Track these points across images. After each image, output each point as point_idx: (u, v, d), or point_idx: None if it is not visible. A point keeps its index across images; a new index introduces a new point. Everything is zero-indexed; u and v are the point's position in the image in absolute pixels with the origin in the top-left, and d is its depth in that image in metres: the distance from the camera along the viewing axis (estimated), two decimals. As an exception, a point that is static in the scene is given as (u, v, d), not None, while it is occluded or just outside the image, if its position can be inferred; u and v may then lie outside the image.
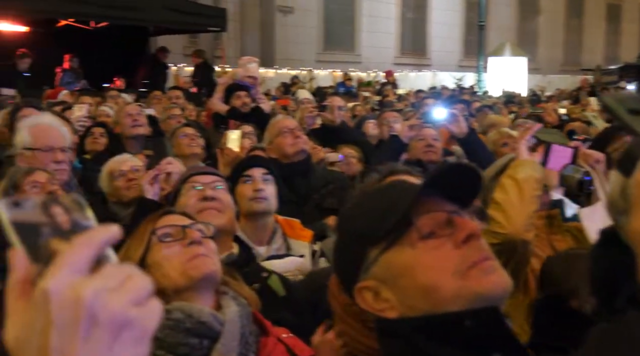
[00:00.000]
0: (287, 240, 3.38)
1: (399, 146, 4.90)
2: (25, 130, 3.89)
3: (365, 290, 1.41)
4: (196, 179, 3.07)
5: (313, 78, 22.31)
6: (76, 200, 0.83)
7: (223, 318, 1.93)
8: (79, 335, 0.72)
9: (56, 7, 13.66)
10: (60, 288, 0.74)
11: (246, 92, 7.17)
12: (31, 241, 0.78)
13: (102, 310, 0.73)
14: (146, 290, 0.77)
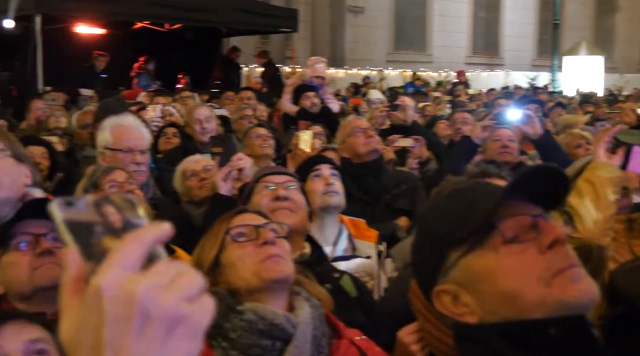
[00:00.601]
0: (352, 240, 3.36)
1: (470, 147, 4.82)
2: (107, 129, 3.95)
3: (444, 294, 1.38)
4: (269, 179, 3.08)
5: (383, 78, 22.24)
6: (128, 199, 0.84)
7: (296, 320, 1.92)
8: (132, 330, 0.73)
9: (133, 9, 14.00)
10: (112, 284, 0.74)
11: (315, 93, 7.19)
12: (84, 240, 0.79)
13: (155, 306, 0.73)
14: (198, 286, 0.77)
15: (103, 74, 13.40)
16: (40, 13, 12.51)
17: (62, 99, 9.37)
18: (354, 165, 4.41)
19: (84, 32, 15.26)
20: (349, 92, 17.45)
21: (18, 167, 2.65)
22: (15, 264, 2.19)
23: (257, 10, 15.36)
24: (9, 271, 2.20)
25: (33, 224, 2.24)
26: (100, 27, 15.36)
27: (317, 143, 5.31)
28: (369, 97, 10.72)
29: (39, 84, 12.33)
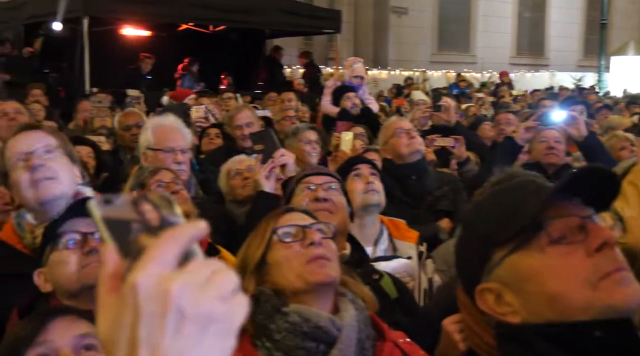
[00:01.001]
0: (393, 241, 3.36)
1: (513, 148, 4.77)
2: (149, 130, 4.01)
3: (487, 292, 1.37)
4: (310, 180, 3.09)
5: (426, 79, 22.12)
6: (165, 197, 0.85)
7: (340, 323, 1.91)
8: (167, 328, 0.74)
9: (178, 11, 14.14)
10: (148, 282, 0.75)
11: (355, 93, 7.18)
12: (121, 237, 0.80)
13: (189, 304, 0.74)
14: (232, 285, 0.77)
15: (148, 75, 13.58)
16: (87, 15, 12.72)
17: (108, 100, 9.50)
18: (396, 167, 4.40)
19: (129, 34, 15.48)
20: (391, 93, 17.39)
21: (70, 167, 2.72)
22: (63, 262, 2.21)
23: (300, 11, 15.41)
24: (57, 269, 2.23)
25: (81, 222, 2.26)
26: (145, 29, 15.56)
27: (358, 144, 5.30)
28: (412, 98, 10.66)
29: (86, 86, 12.54)
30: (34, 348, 1.78)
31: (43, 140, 2.68)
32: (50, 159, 2.64)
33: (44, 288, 2.27)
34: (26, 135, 2.71)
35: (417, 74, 22.42)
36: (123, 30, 15.26)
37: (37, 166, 2.59)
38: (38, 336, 1.79)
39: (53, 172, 2.62)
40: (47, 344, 1.79)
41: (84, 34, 12.65)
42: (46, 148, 2.66)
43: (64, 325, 1.83)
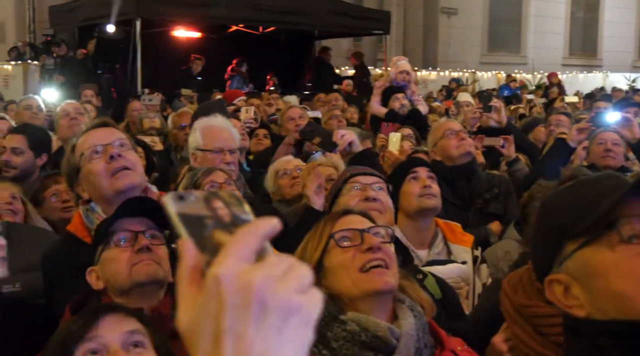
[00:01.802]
0: (447, 244, 3.31)
1: (564, 150, 4.68)
2: (197, 131, 4.05)
3: (556, 283, 1.36)
4: (358, 179, 3.09)
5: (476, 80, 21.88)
6: (234, 195, 0.88)
7: (399, 331, 1.87)
8: (251, 319, 0.76)
9: (229, 13, 14.28)
10: (230, 275, 0.78)
11: (403, 94, 7.14)
12: (197, 232, 0.82)
13: (271, 296, 0.77)
14: (308, 278, 0.80)
15: (198, 76, 13.73)
16: (139, 17, 12.92)
17: (159, 99, 9.63)
18: (445, 169, 4.35)
19: (180, 36, 15.68)
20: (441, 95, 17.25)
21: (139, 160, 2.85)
22: (115, 260, 2.25)
23: (350, 12, 15.41)
24: (109, 266, 2.27)
25: (132, 221, 2.30)
26: (196, 30, 15.74)
27: (407, 145, 5.27)
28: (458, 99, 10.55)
29: (137, 87, 12.74)
30: (84, 343, 1.81)
31: (117, 134, 2.80)
32: (125, 151, 2.74)
33: (96, 285, 2.31)
34: (100, 130, 2.81)
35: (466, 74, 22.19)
36: (174, 32, 15.46)
37: (116, 155, 2.68)
38: (89, 331, 1.82)
39: (130, 163, 2.71)
40: (97, 340, 1.82)
41: (136, 35, 12.85)
42: (121, 141, 2.76)
43: (113, 322, 1.86)
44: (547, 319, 1.68)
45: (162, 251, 2.32)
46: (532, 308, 1.66)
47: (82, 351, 1.81)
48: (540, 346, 1.37)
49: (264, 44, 16.03)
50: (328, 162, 4.08)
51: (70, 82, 12.29)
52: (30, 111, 6.21)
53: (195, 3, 13.74)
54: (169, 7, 13.59)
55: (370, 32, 17.31)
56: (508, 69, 23.08)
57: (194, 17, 14.33)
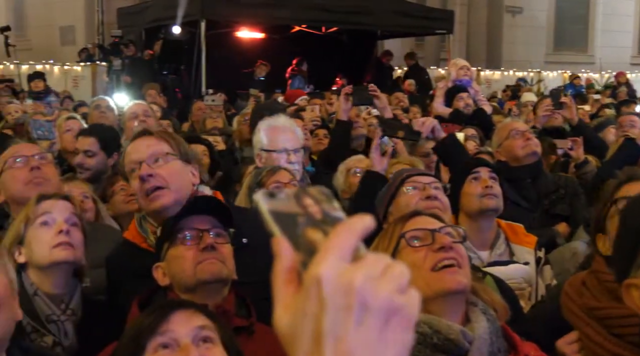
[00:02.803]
0: (510, 245, 3.27)
1: (634, 150, 4.56)
2: (262, 131, 4.08)
3: (634, 288, 1.34)
4: (416, 179, 3.10)
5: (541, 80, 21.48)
6: (323, 192, 0.86)
7: (472, 335, 1.84)
8: (352, 320, 0.75)
9: (292, 14, 14.39)
10: (331, 275, 0.76)
11: (468, 93, 7.06)
12: (290, 230, 0.82)
13: (372, 297, 0.75)
14: (406, 278, 0.78)
15: (261, 77, 13.85)
16: (205, 19, 13.11)
17: (221, 99, 9.75)
18: (511, 169, 4.28)
19: (244, 37, 15.84)
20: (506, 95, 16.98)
21: (186, 167, 2.74)
22: (180, 258, 2.29)
23: (413, 12, 15.34)
24: (174, 264, 2.31)
25: (198, 220, 2.33)
26: (259, 31, 15.88)
27: (471, 145, 5.20)
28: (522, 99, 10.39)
29: (202, 87, 12.93)
30: (156, 338, 1.85)
31: (154, 147, 2.69)
32: (160, 166, 2.65)
33: (162, 281, 2.35)
34: (139, 142, 2.74)
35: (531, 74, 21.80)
36: (238, 32, 15.63)
37: (145, 177, 2.61)
38: (160, 326, 1.86)
39: (162, 181, 2.62)
40: (169, 334, 1.85)
41: (201, 37, 13.04)
42: (155, 156, 2.67)
43: (184, 317, 1.89)
44: (621, 320, 1.64)
45: (226, 249, 2.35)
46: (604, 310, 1.62)
47: (154, 346, 1.84)
48: (616, 348, 1.34)
49: (326, 44, 16.07)
50: (407, 160, 4.09)
51: (137, 82, 12.53)
52: (99, 111, 6.35)
53: (259, 4, 13.88)
54: (234, 9, 13.77)
55: (433, 32, 17.18)
56: (574, 68, 22.58)
57: (258, 18, 14.47)
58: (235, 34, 15.68)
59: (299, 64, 14.41)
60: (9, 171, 3.19)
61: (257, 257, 2.40)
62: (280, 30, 15.84)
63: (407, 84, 14.90)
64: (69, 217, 2.63)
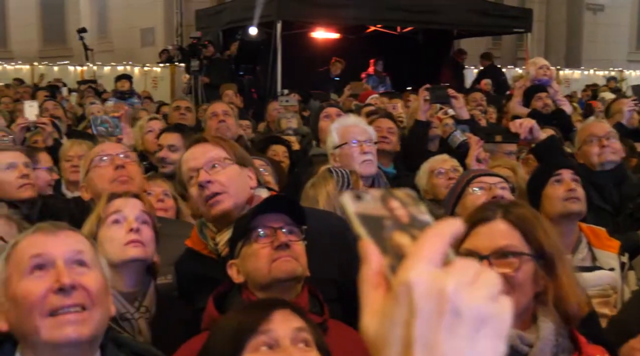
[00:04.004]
0: (592, 250, 3.18)
1: None
2: (332, 132, 4.15)
3: None
4: (483, 180, 3.08)
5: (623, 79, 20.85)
6: (410, 194, 0.84)
7: (532, 338, 1.81)
8: (443, 327, 0.73)
9: (368, 14, 14.37)
10: (422, 280, 0.75)
11: (547, 93, 6.91)
12: (376, 233, 0.80)
13: (464, 303, 0.73)
14: (498, 285, 0.76)
15: (337, 77, 13.88)
16: (280, 19, 13.23)
17: (295, 99, 9.82)
18: (592, 173, 4.17)
19: (319, 37, 15.91)
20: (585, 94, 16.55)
21: (243, 171, 2.72)
22: (254, 255, 2.31)
23: (490, 11, 15.10)
24: (248, 262, 2.32)
25: (271, 218, 2.35)
26: (335, 31, 15.92)
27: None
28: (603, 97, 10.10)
29: (277, 87, 13.05)
30: (256, 337, 1.85)
31: (210, 153, 2.68)
32: (217, 172, 2.64)
33: (237, 279, 2.37)
34: (195, 150, 2.73)
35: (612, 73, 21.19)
36: (313, 33, 15.71)
37: (204, 183, 2.61)
38: (261, 325, 1.87)
39: (220, 187, 2.61)
40: (269, 333, 1.86)
41: (277, 37, 13.17)
42: (212, 161, 2.66)
43: (283, 317, 1.90)
44: None
45: (300, 247, 2.36)
46: None
47: (255, 344, 1.85)
48: None
49: (402, 44, 15.99)
50: (507, 164, 4.06)
51: (215, 83, 12.74)
52: (179, 112, 6.50)
53: (335, 4, 13.92)
54: (310, 9, 13.85)
55: (510, 31, 16.88)
56: (659, 67, 21.87)
57: (334, 19, 14.52)
58: (311, 35, 15.75)
59: (376, 64, 14.36)
60: (95, 169, 3.28)
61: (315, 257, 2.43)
62: (355, 30, 15.83)
63: (484, 84, 14.67)
64: (139, 214, 2.67)
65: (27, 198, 3.76)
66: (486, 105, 8.60)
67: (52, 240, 1.87)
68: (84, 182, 3.35)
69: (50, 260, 1.82)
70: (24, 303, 1.78)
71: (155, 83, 16.87)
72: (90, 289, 1.81)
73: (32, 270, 1.82)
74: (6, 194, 3.74)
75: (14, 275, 1.83)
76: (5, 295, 1.84)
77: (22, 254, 1.85)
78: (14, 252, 1.89)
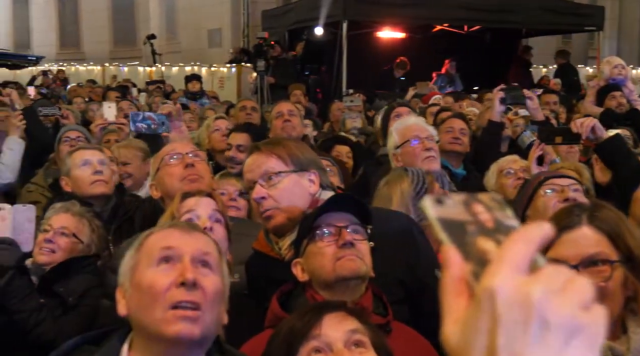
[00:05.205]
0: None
1: None
2: (393, 133, 4.14)
3: None
4: (554, 181, 3.01)
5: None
6: (495, 198, 0.81)
7: (622, 350, 1.75)
8: (529, 336, 0.70)
9: (435, 13, 14.27)
10: (506, 287, 0.71)
11: (621, 93, 6.74)
12: (459, 238, 0.77)
13: (553, 312, 0.70)
14: (590, 293, 0.72)
15: (402, 76, 13.81)
16: (347, 19, 13.24)
17: (360, 101, 9.81)
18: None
19: (385, 37, 15.84)
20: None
21: (301, 179, 2.66)
22: (319, 254, 2.31)
23: (560, 9, 14.78)
24: (313, 260, 2.33)
25: (336, 217, 2.35)
26: (401, 31, 15.82)
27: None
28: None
29: (342, 87, 13.06)
30: (308, 341, 1.87)
31: (264, 166, 2.65)
32: (273, 186, 2.61)
33: (301, 277, 2.37)
34: (250, 161, 2.72)
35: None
36: (379, 33, 15.66)
37: (259, 200, 2.61)
38: (312, 330, 1.88)
39: (273, 203, 2.59)
40: (321, 338, 1.87)
41: (342, 37, 13.17)
42: (267, 174, 2.63)
43: (336, 320, 1.91)
44: None
45: (364, 246, 2.35)
46: None
47: (307, 350, 1.86)
48: None
49: (469, 43, 15.80)
50: (571, 166, 3.98)
51: (281, 83, 12.83)
52: (245, 112, 6.57)
53: (401, 3, 13.86)
54: (376, 9, 13.81)
55: (581, 29, 16.51)
56: None
57: (400, 18, 14.44)
58: (376, 34, 15.70)
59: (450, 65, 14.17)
60: (165, 168, 3.32)
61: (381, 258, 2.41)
62: (421, 29, 15.71)
63: (553, 84, 14.38)
64: (212, 213, 2.70)
65: (100, 194, 3.86)
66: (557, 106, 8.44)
67: (185, 237, 1.90)
68: (153, 180, 3.40)
69: (178, 254, 1.84)
70: (148, 293, 1.80)
71: (221, 83, 17.09)
72: (208, 291, 1.81)
73: (159, 261, 1.84)
74: (80, 190, 3.85)
75: (142, 263, 1.86)
76: (130, 280, 1.87)
77: (154, 244, 1.89)
78: (147, 241, 1.92)
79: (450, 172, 4.43)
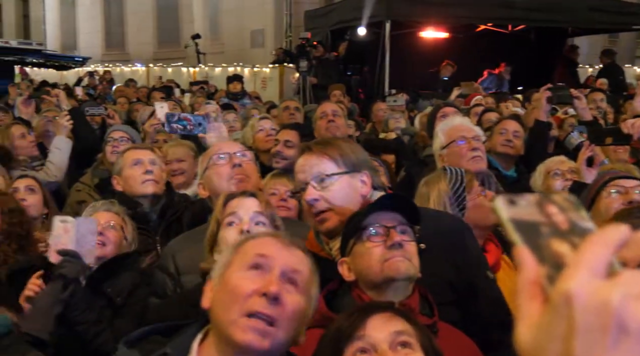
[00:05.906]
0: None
1: None
2: (438, 133, 4.14)
3: None
4: (619, 183, 2.98)
5: None
6: (569, 199, 0.79)
7: None
8: (607, 343, 0.68)
9: (478, 12, 14.14)
10: (583, 291, 0.70)
11: (674, 91, 6.61)
12: (532, 240, 0.76)
13: (632, 318, 0.68)
14: None
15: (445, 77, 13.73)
16: (390, 19, 13.20)
17: (403, 101, 9.76)
18: None
19: (428, 37, 15.76)
20: None
21: (353, 181, 2.64)
22: (367, 254, 2.30)
23: (607, 7, 14.52)
24: (360, 260, 2.32)
25: (384, 217, 2.34)
26: (444, 30, 15.72)
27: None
28: None
29: (385, 87, 13.02)
30: (353, 342, 1.87)
31: (317, 167, 2.63)
32: (325, 188, 2.60)
33: (348, 277, 2.37)
34: (302, 161, 2.69)
35: None
36: (422, 32, 15.57)
37: (312, 202, 2.59)
38: (357, 330, 1.88)
39: (326, 205, 2.58)
40: (366, 339, 1.87)
41: (385, 37, 13.13)
42: (320, 176, 2.61)
43: (381, 321, 1.90)
44: None
45: (412, 247, 2.34)
46: None
47: (352, 351, 1.86)
48: None
49: (513, 42, 15.63)
50: (621, 168, 3.93)
51: (323, 83, 12.84)
52: (288, 112, 6.60)
53: (445, 3, 13.78)
54: (419, 8, 13.75)
55: (629, 28, 16.21)
56: None
57: (444, 18, 14.35)
58: (419, 34, 15.62)
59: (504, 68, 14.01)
60: (213, 168, 3.35)
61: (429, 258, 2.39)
62: (464, 29, 15.59)
63: (599, 84, 14.14)
64: (253, 215, 2.69)
65: (151, 193, 3.90)
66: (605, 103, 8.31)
67: (281, 249, 1.91)
68: (201, 180, 3.43)
69: (270, 265, 1.85)
70: (231, 293, 1.83)
71: (264, 84, 17.15)
72: (287, 309, 1.81)
73: (250, 267, 1.86)
74: (131, 189, 3.90)
75: (235, 263, 1.89)
76: (220, 276, 1.90)
77: (251, 248, 1.91)
78: (246, 244, 1.95)
79: (499, 174, 4.39)
